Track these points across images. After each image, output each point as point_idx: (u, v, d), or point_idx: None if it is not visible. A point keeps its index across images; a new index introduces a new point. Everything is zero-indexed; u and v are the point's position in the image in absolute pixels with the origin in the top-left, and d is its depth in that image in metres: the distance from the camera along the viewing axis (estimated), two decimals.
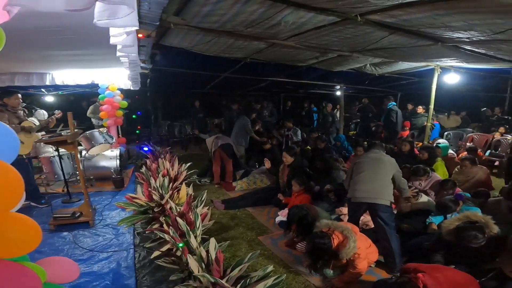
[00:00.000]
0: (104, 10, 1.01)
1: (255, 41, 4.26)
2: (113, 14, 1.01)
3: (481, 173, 4.18)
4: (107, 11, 1.01)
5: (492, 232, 2.45)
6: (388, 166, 3.07)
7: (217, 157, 5.44)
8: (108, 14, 1.01)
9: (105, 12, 1.01)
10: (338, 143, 6.43)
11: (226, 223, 4.23)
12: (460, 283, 2.15)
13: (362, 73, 7.20)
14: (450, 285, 2.05)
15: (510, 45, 3.13)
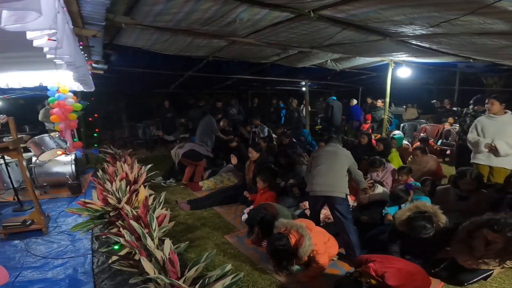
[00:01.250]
0: (11, 15, 0.94)
1: (214, 39, 4.27)
2: (20, 19, 0.94)
3: (431, 162, 4.48)
4: (13, 16, 0.94)
5: (440, 222, 2.61)
6: (343, 159, 3.15)
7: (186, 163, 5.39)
8: (15, 19, 0.94)
9: (11, 18, 0.94)
10: (302, 138, 6.57)
11: (192, 223, 4.17)
12: (409, 272, 2.26)
13: (325, 69, 7.42)
14: (399, 273, 2.15)
15: (449, 39, 3.35)
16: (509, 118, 3.67)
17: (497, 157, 3.64)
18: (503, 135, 3.60)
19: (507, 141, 3.56)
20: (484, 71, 7.81)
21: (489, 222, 2.42)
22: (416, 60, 6.03)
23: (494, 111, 3.67)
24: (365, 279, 2.13)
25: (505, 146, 3.56)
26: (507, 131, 3.60)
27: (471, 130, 3.87)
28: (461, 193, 3.26)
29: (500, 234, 2.35)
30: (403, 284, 2.12)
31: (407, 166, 4.06)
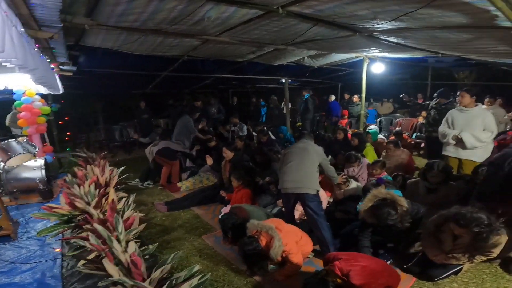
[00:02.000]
0: None
1: (186, 38, 4.23)
2: None
3: (403, 155, 4.59)
4: None
5: (403, 207, 2.66)
6: (313, 155, 3.13)
7: (161, 162, 5.28)
8: None
9: None
10: (281, 135, 6.60)
11: (169, 225, 4.11)
12: (374, 270, 2.24)
13: (303, 66, 7.47)
14: (363, 271, 2.14)
15: (414, 33, 3.45)
16: (479, 111, 3.73)
17: (464, 149, 3.72)
18: (471, 127, 3.66)
19: (474, 133, 3.62)
20: (453, 66, 8.10)
21: (455, 216, 2.40)
22: (388, 55, 6.18)
23: (465, 104, 3.75)
24: (331, 278, 2.11)
25: (472, 138, 3.62)
26: (476, 124, 3.65)
27: (443, 122, 3.96)
28: (430, 185, 3.30)
29: (466, 229, 2.34)
30: (368, 283, 2.10)
31: (380, 160, 4.13)
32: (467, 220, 2.32)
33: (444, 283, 2.57)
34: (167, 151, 5.27)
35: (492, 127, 3.62)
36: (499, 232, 2.36)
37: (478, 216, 2.31)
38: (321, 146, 5.56)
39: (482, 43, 3.45)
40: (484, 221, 2.29)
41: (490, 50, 3.77)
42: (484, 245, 2.34)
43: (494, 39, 3.20)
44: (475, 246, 2.36)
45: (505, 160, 2.46)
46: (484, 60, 5.40)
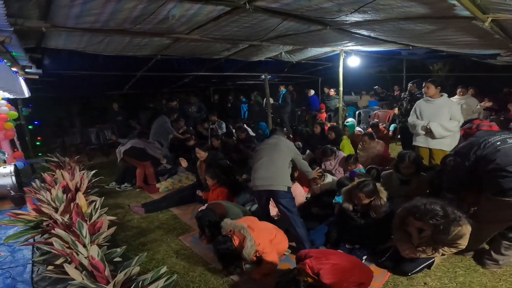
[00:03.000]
0: None
1: (155, 37, 4.15)
2: None
3: (378, 147, 4.67)
4: None
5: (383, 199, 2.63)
6: (284, 151, 3.09)
7: (132, 163, 5.14)
8: None
9: None
10: (260, 131, 6.59)
11: (146, 227, 4.04)
12: (345, 267, 2.21)
13: (281, 61, 7.42)
14: (334, 270, 2.11)
15: (381, 25, 3.49)
16: (445, 101, 3.83)
17: (434, 139, 3.81)
18: (439, 117, 3.75)
19: (442, 123, 3.71)
20: (425, 58, 8.27)
21: (412, 209, 2.39)
22: (363, 48, 6.23)
23: (430, 94, 3.85)
24: (302, 277, 2.09)
25: (440, 128, 3.72)
26: (442, 114, 3.74)
27: (411, 114, 4.06)
28: (403, 177, 3.34)
29: (423, 222, 2.33)
30: (339, 282, 2.09)
31: (353, 155, 4.16)
32: (421, 213, 2.31)
33: (418, 277, 2.58)
34: (135, 151, 5.09)
35: (458, 116, 3.74)
36: (460, 223, 2.33)
37: (432, 208, 2.29)
38: (300, 141, 5.69)
39: (446, 34, 3.54)
40: (438, 213, 2.27)
41: (456, 41, 3.88)
42: (444, 237, 2.33)
43: (456, 29, 3.28)
44: (435, 238, 2.36)
45: (470, 150, 2.47)
46: (453, 51, 5.54)
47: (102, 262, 1.83)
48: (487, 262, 2.60)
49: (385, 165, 4.52)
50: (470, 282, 2.49)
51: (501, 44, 4.08)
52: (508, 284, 2.46)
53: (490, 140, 2.41)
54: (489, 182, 2.34)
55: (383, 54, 7.47)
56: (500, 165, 2.26)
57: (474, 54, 6.28)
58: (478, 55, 6.44)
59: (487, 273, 2.60)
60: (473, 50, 4.78)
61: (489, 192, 2.36)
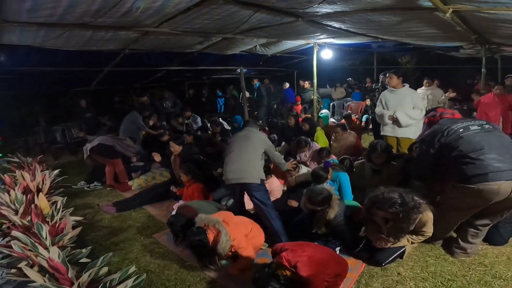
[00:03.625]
0: None
1: (121, 31, 3.94)
2: None
3: (351, 138, 4.78)
4: None
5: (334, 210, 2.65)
6: (256, 143, 3.05)
7: (100, 161, 4.92)
8: None
9: None
10: (235, 124, 6.53)
11: (118, 226, 3.89)
12: (321, 259, 2.21)
13: (256, 55, 7.35)
14: (310, 262, 2.10)
15: (351, 17, 3.54)
16: (407, 91, 4.01)
17: (400, 128, 3.98)
18: (403, 106, 3.92)
19: (406, 112, 3.89)
20: (394, 50, 8.59)
21: (372, 199, 2.39)
22: (335, 41, 6.31)
23: (393, 85, 4.02)
24: (281, 271, 2.06)
25: (405, 117, 3.88)
26: (406, 103, 3.92)
27: (378, 104, 4.21)
28: (374, 166, 3.43)
29: (384, 211, 2.31)
30: (316, 273, 2.08)
31: (325, 148, 4.18)
32: (381, 202, 2.30)
33: (392, 267, 2.59)
34: (103, 148, 4.84)
35: (420, 105, 3.94)
36: (420, 210, 2.33)
37: (390, 196, 2.29)
38: (275, 133, 5.71)
39: (411, 26, 3.65)
40: (397, 201, 2.26)
41: (420, 33, 4.02)
42: (405, 225, 2.32)
43: (420, 21, 3.39)
44: (397, 227, 2.34)
45: (434, 137, 2.47)
46: (419, 43, 5.76)
47: (64, 263, 1.74)
48: (456, 251, 2.61)
49: (357, 155, 4.64)
50: (441, 272, 2.51)
51: (463, 36, 4.29)
52: (477, 273, 2.47)
53: (453, 127, 2.41)
54: (454, 170, 2.33)
55: (355, 47, 7.65)
56: (463, 152, 2.25)
57: (438, 46, 6.58)
58: (442, 47, 6.76)
59: (457, 262, 2.62)
60: (437, 42, 4.99)
61: (453, 180, 2.35)
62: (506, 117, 5.20)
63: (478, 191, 2.16)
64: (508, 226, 2.73)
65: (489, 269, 2.51)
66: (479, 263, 2.59)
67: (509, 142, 2.32)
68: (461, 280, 2.41)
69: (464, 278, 2.42)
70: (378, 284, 2.45)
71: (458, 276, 2.45)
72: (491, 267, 2.53)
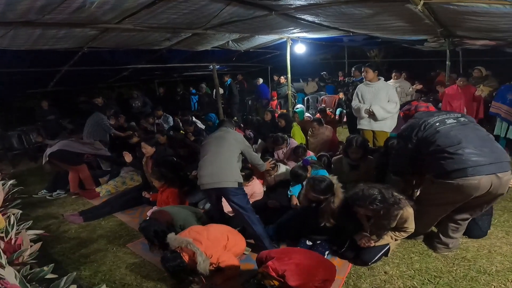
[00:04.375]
0: None
1: (76, 28, 3.58)
2: None
3: (327, 132, 4.76)
4: None
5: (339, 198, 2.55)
6: (232, 143, 2.87)
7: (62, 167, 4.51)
8: None
9: None
10: (209, 123, 6.30)
11: (87, 237, 3.60)
12: (309, 266, 2.14)
13: (229, 50, 7.21)
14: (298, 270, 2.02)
15: (324, 10, 3.48)
16: (383, 84, 4.04)
17: (376, 121, 4.01)
18: (379, 100, 3.95)
19: (382, 105, 3.92)
20: (363, 44, 8.76)
21: (353, 197, 2.33)
22: (308, 35, 6.30)
23: (369, 78, 4.03)
24: (268, 281, 1.97)
25: (381, 110, 3.91)
26: (381, 96, 3.94)
27: (354, 98, 4.21)
28: (352, 162, 3.40)
29: (365, 208, 2.26)
30: (305, 282, 2.00)
31: (300, 146, 4.11)
32: (361, 199, 2.25)
33: (378, 266, 2.56)
34: (64, 154, 4.41)
35: (395, 98, 3.98)
36: (400, 206, 2.28)
37: (370, 193, 2.24)
38: (251, 129, 5.57)
39: (381, 19, 3.67)
40: (377, 197, 2.22)
41: (390, 26, 4.06)
42: (386, 222, 2.29)
43: (390, 14, 3.40)
44: (379, 224, 2.33)
45: (412, 132, 2.43)
46: (388, 37, 5.88)
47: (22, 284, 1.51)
48: (438, 246, 2.60)
49: (334, 150, 4.64)
50: (426, 268, 2.48)
51: (430, 30, 4.40)
52: (462, 268, 2.45)
53: (429, 121, 2.37)
54: (431, 164, 2.28)
55: (326, 41, 7.70)
56: (440, 146, 2.20)
57: (405, 40, 6.77)
58: (409, 41, 6.96)
59: (440, 258, 2.60)
60: (405, 35, 5.09)
61: (432, 175, 2.31)
62: (469, 107, 5.43)
63: (457, 186, 2.12)
64: (486, 219, 2.76)
65: (473, 264, 2.50)
66: (462, 257, 2.59)
67: (485, 134, 2.30)
68: (447, 276, 2.39)
69: (450, 274, 2.41)
70: (366, 284, 2.40)
71: (444, 272, 2.44)
72: (474, 262, 2.53)
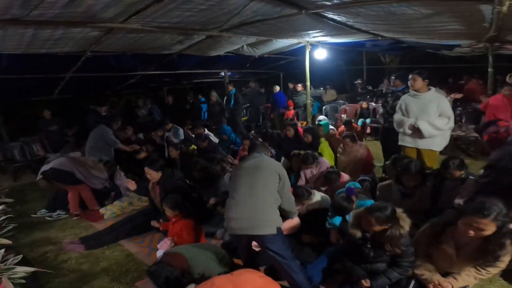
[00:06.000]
0: None
1: (74, 28, 3.15)
2: None
3: (362, 150, 4.07)
4: None
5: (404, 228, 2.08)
6: (270, 174, 2.31)
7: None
8: None
9: None
10: (224, 136, 5.75)
11: (89, 269, 3.09)
12: None
13: (243, 56, 6.88)
14: None
15: (368, 9, 3.01)
16: (433, 95, 3.40)
17: (422, 138, 3.39)
18: (426, 114, 3.33)
19: (430, 120, 3.30)
20: (386, 50, 8.25)
21: (471, 208, 1.87)
22: (330, 40, 5.91)
23: (417, 88, 3.40)
24: None
25: (429, 127, 3.30)
26: (431, 110, 3.32)
27: (397, 110, 3.61)
28: (405, 190, 2.84)
29: (484, 223, 1.80)
30: None
31: (334, 171, 3.57)
32: (486, 209, 1.78)
33: None
34: (58, 174, 3.90)
35: (448, 112, 3.34)
36: None
37: (496, 204, 1.81)
38: (271, 145, 5.02)
39: (436, 21, 3.17)
40: (502, 210, 1.79)
41: (439, 29, 3.56)
42: (495, 249, 1.86)
43: (451, 15, 2.90)
44: (482, 250, 1.88)
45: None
46: (422, 42, 5.38)
47: None
48: None
49: (368, 171, 4.06)
50: None
51: (480, 34, 3.92)
52: None
53: None
54: None
55: (347, 46, 7.24)
56: None
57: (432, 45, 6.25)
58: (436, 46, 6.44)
59: None
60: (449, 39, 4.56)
61: None
62: None
63: None
64: None
65: None
66: None
67: None
68: None
69: None
70: None
71: None
72: None
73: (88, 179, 4.00)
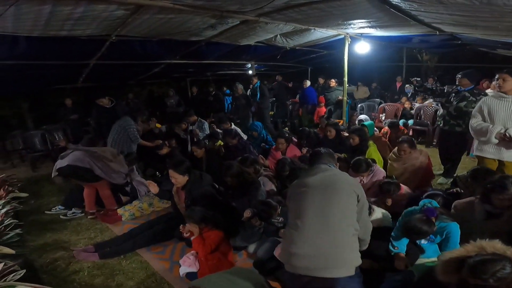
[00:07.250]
0: None
1: (98, 5, 2.68)
2: None
3: (421, 158, 3.38)
4: None
5: None
6: (348, 198, 1.76)
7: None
8: None
9: None
10: (254, 133, 5.20)
11: (102, 283, 2.72)
12: None
13: (273, 47, 6.30)
14: None
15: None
16: None
17: (509, 149, 2.78)
18: None
19: None
20: (436, 46, 7.44)
21: None
22: (375, 33, 5.25)
23: (506, 89, 2.75)
24: None
25: None
26: None
27: (474, 114, 2.97)
28: (493, 210, 2.30)
29: None
30: None
31: (393, 182, 3.00)
32: None
33: None
34: (75, 171, 3.52)
35: None
36: None
37: None
38: (308, 147, 4.47)
39: None
40: None
41: None
42: None
43: None
44: None
45: None
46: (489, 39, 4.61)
47: None
48: None
49: (426, 181, 3.44)
50: None
51: None
52: None
53: None
54: None
55: (391, 41, 6.56)
56: None
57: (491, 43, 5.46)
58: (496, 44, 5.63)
59: None
60: None
61: None
62: None
63: None
64: None
65: None
66: None
67: None
68: None
69: None
70: None
71: None
72: None
73: (108, 174, 3.60)
